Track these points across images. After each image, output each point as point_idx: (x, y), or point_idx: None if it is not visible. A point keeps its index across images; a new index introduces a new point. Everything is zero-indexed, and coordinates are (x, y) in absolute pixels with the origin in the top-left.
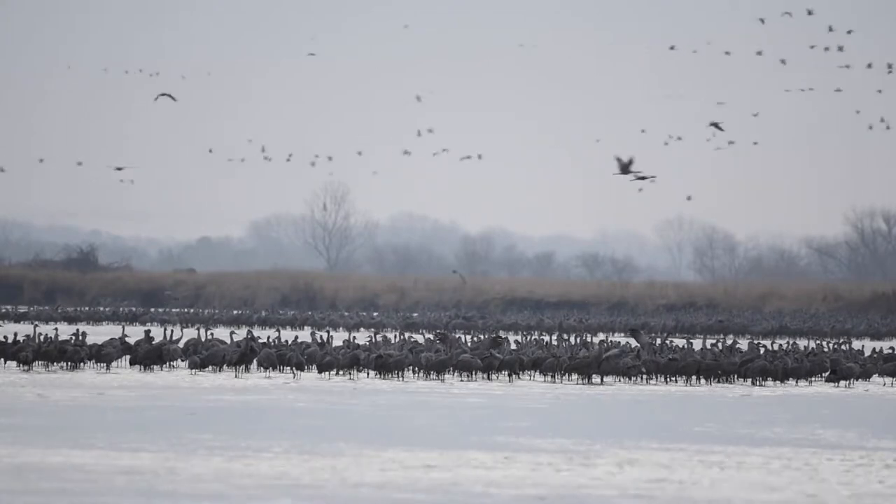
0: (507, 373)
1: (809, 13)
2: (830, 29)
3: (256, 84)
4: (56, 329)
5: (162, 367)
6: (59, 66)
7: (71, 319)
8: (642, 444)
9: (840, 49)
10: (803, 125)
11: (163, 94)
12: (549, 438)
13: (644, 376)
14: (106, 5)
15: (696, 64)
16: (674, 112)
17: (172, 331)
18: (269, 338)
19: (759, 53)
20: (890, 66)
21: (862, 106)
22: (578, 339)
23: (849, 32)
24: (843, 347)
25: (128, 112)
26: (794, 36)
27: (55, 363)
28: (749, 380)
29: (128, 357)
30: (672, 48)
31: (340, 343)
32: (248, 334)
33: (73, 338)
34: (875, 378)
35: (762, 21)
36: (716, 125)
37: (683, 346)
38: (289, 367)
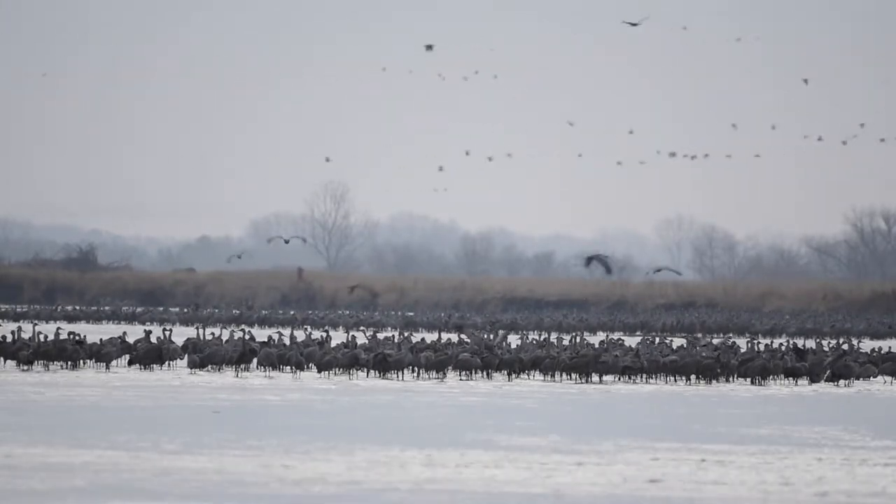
0: (506, 372)
1: None
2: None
3: (259, 84)
4: (58, 328)
5: (161, 366)
6: (58, 66)
7: (71, 319)
8: (641, 443)
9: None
10: (802, 125)
11: None
12: (548, 437)
13: (643, 375)
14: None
15: (695, 62)
16: (674, 111)
17: (171, 330)
18: (269, 337)
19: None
20: None
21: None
22: (577, 338)
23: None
24: (843, 347)
25: (129, 111)
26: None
27: (55, 362)
28: (748, 379)
29: (127, 356)
30: (663, 43)
31: (339, 342)
32: (244, 334)
33: (72, 336)
34: (875, 378)
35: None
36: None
37: (683, 346)
38: (289, 367)
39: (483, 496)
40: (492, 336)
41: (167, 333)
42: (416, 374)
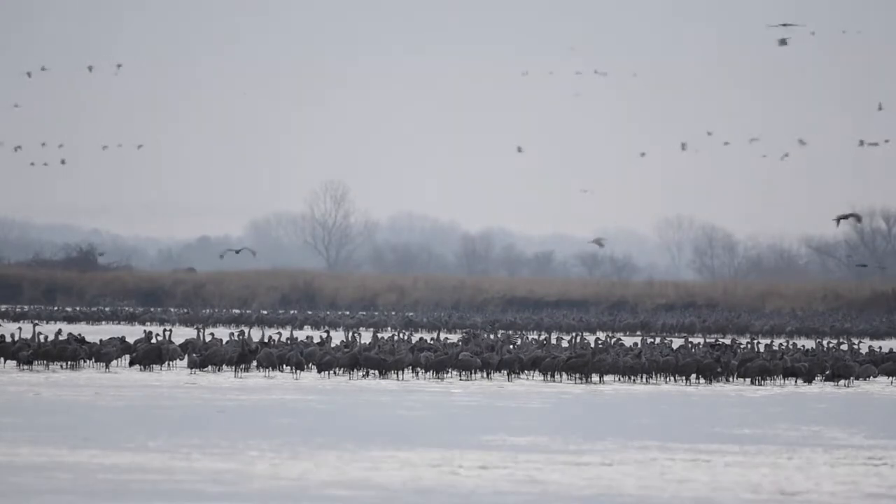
0: (506, 372)
1: None
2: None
3: (259, 84)
4: (59, 330)
5: (161, 366)
6: (58, 66)
7: (71, 319)
8: (641, 443)
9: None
10: (803, 123)
11: None
12: (548, 437)
13: (643, 375)
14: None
15: (696, 65)
16: (674, 112)
17: (171, 330)
18: (269, 337)
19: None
20: None
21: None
22: (577, 338)
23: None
24: (842, 346)
25: (128, 109)
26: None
27: (55, 362)
28: (748, 379)
29: (127, 357)
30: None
31: (339, 342)
32: (240, 334)
33: (71, 336)
34: (875, 378)
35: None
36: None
37: (682, 345)
38: (289, 367)
39: (483, 496)
40: (492, 335)
41: (167, 333)
42: (416, 374)
